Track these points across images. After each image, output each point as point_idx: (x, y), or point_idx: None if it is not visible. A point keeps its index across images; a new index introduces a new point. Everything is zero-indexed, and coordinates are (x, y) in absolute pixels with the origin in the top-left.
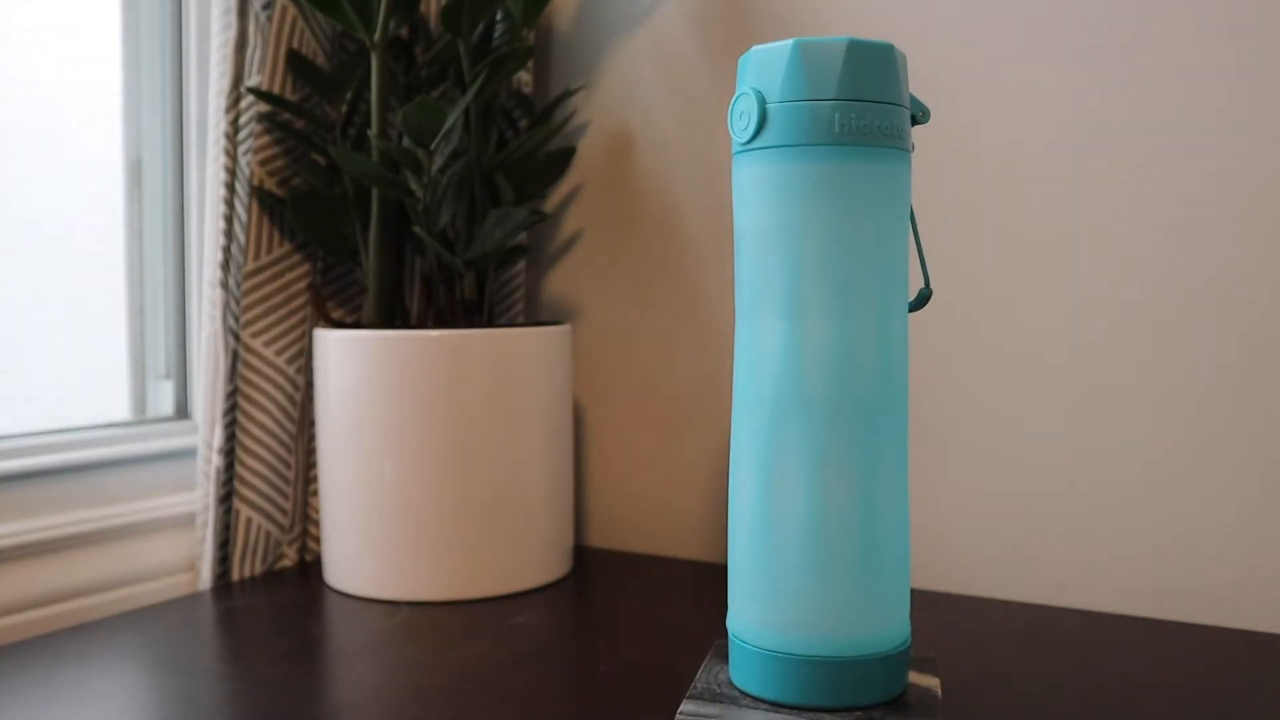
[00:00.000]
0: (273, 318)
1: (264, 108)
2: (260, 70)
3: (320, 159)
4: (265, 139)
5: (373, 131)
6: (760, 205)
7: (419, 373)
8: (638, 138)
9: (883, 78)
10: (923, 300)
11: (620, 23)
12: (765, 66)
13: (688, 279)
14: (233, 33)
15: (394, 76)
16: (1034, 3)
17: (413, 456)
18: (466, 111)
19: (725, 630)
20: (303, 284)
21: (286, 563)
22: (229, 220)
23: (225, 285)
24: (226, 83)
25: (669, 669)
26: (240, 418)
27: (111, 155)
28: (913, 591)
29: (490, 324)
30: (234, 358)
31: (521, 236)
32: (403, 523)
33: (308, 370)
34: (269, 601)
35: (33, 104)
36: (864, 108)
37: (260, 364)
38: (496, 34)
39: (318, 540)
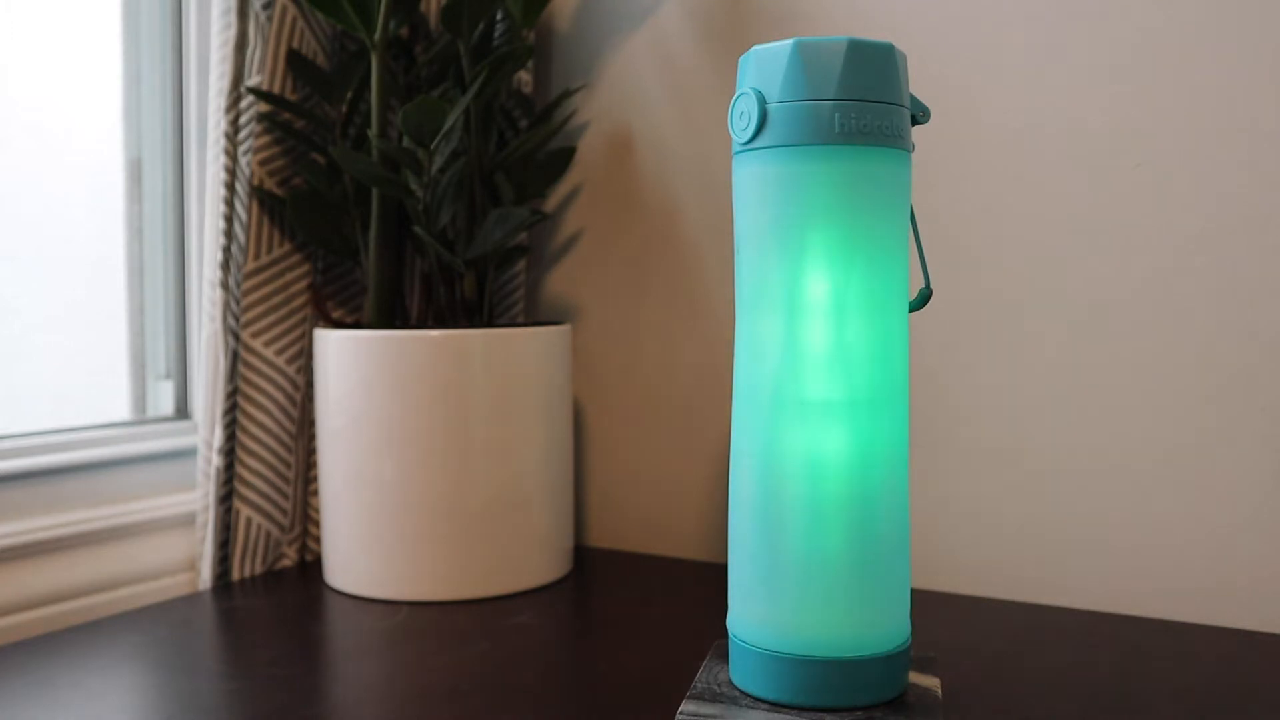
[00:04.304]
0: (273, 318)
1: (264, 108)
2: (260, 70)
3: (320, 159)
4: (265, 139)
5: (373, 131)
6: (760, 205)
7: (419, 373)
8: (638, 138)
9: (883, 78)
10: (923, 300)
11: (620, 23)
12: (765, 66)
13: (688, 279)
14: (233, 33)
15: (394, 76)
16: (1034, 2)
17: (413, 456)
18: (466, 111)
19: (725, 630)
20: (303, 284)
21: (286, 563)
22: (229, 220)
23: (225, 285)
24: (226, 83)
25: (669, 669)
26: (240, 418)
27: (111, 155)
28: (913, 591)
29: (490, 324)
30: (234, 358)
31: (521, 236)
32: (403, 523)
33: (308, 370)
34: (269, 601)
35: (33, 104)
36: (864, 108)
37: (260, 364)
38: (496, 34)
39: (318, 540)
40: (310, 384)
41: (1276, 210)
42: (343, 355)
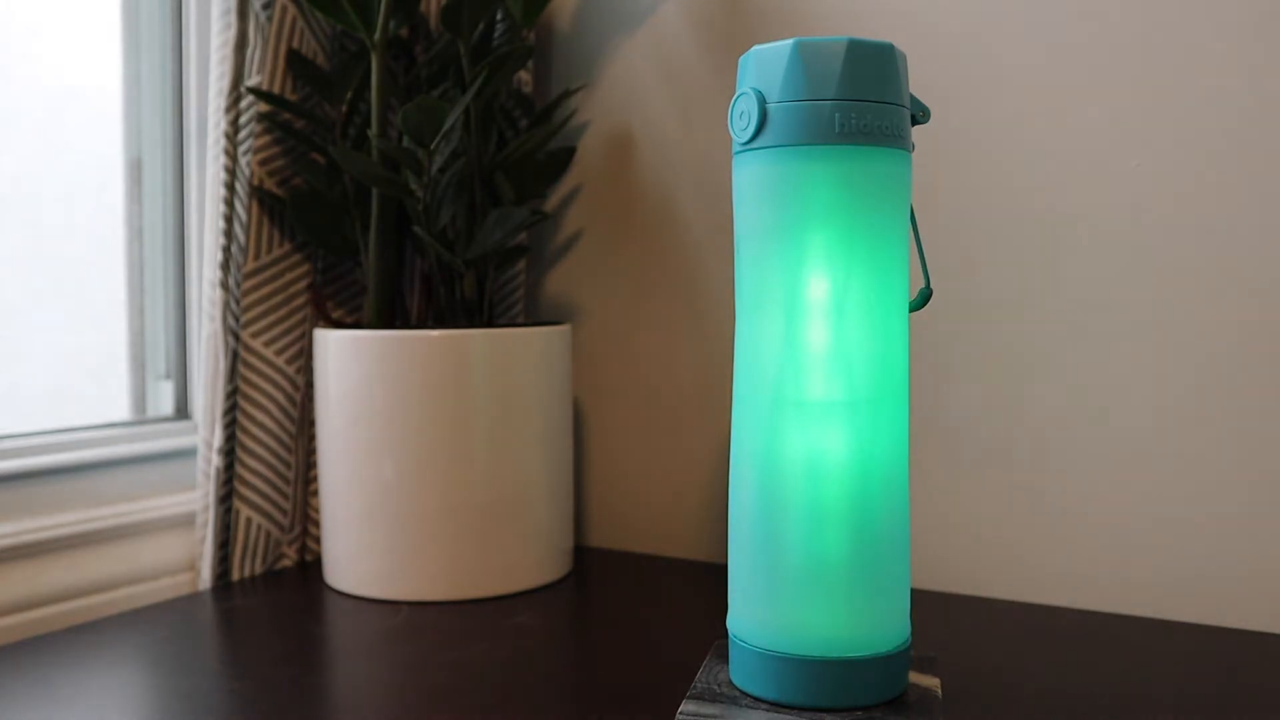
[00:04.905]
0: (273, 318)
1: (264, 108)
2: (260, 70)
3: (320, 159)
4: (265, 139)
5: (373, 131)
6: (760, 205)
7: (419, 373)
8: (638, 138)
9: (883, 77)
10: (923, 300)
11: (620, 23)
12: (765, 66)
13: (688, 279)
14: (233, 33)
15: (394, 76)
16: (1034, 2)
17: (413, 456)
18: (466, 111)
19: (725, 630)
20: (303, 284)
21: (286, 563)
22: (229, 220)
23: (225, 285)
24: (226, 83)
25: (669, 669)
26: (240, 418)
27: (111, 155)
28: (913, 591)
29: (490, 324)
30: (234, 358)
31: (521, 236)
32: (403, 523)
33: (308, 370)
34: (269, 601)
35: (33, 104)
36: (864, 108)
37: (260, 364)
38: (496, 34)
39: (318, 540)
40: (310, 384)
41: (1275, 209)
42: (343, 355)
